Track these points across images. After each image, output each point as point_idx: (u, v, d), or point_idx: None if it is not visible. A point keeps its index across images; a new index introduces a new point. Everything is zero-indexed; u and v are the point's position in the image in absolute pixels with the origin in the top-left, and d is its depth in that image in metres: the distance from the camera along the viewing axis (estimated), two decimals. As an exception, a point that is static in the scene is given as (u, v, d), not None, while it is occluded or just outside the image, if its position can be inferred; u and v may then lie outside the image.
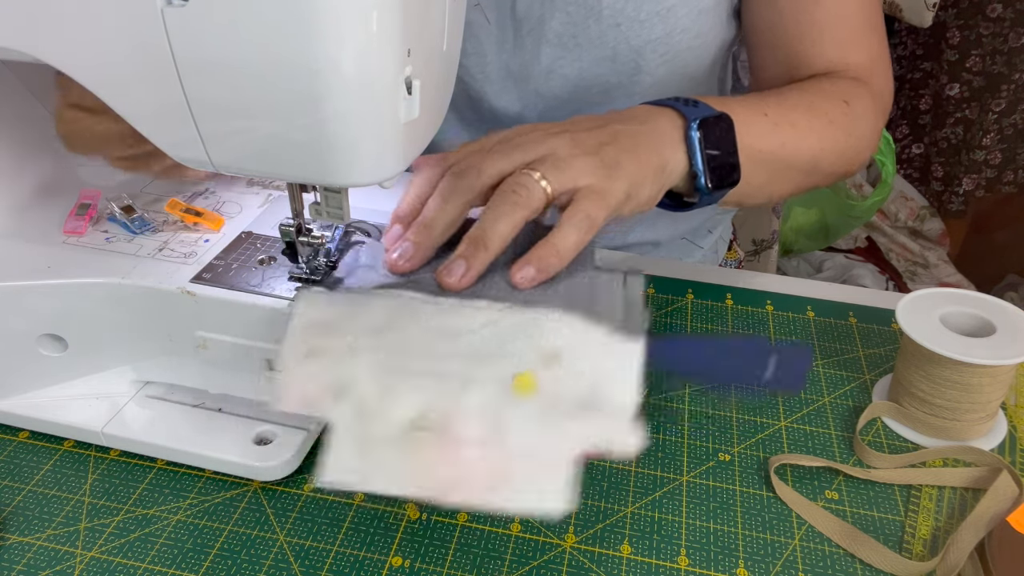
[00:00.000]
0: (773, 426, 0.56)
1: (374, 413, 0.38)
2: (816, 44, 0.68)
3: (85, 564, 0.46)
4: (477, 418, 0.38)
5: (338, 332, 0.41)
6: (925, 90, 1.73)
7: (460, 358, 0.40)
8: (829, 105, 0.64)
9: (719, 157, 0.54)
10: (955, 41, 1.63)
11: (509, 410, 0.38)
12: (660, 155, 0.52)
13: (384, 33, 0.37)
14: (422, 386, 0.39)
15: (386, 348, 0.40)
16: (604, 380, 0.40)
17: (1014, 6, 1.54)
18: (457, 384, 0.39)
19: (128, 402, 0.54)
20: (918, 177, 1.82)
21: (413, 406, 0.38)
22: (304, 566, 0.46)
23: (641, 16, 0.68)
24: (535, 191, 0.46)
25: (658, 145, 0.53)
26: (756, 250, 1.22)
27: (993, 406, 0.54)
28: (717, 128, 0.54)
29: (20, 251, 0.53)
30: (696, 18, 0.69)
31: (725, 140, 0.55)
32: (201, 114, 0.39)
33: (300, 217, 0.49)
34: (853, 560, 0.48)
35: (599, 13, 0.68)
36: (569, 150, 0.49)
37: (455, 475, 0.37)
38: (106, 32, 0.38)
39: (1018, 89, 1.60)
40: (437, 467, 0.37)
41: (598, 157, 0.49)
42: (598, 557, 0.47)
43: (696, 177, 0.54)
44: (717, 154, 0.54)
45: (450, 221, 0.47)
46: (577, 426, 0.38)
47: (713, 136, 0.54)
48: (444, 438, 0.37)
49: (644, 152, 0.52)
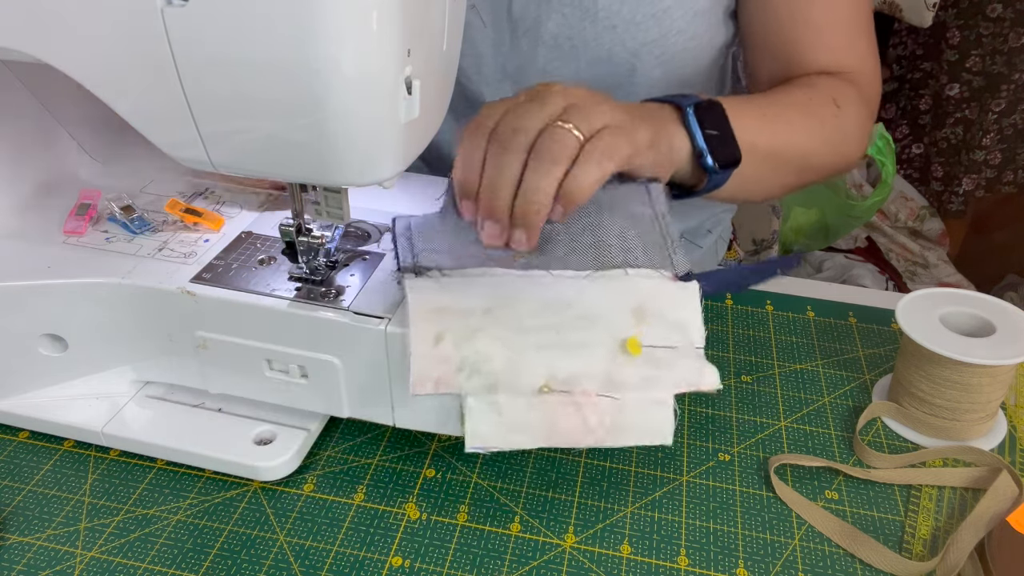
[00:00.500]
0: (773, 426, 0.56)
1: (505, 384, 0.44)
2: (809, 49, 0.69)
3: (85, 564, 0.46)
4: (595, 377, 0.45)
5: (456, 315, 0.45)
6: (925, 90, 1.73)
7: (568, 327, 0.46)
8: (820, 105, 0.66)
9: (718, 137, 0.56)
10: (955, 41, 1.63)
11: (619, 367, 0.45)
12: (667, 132, 0.55)
13: (384, 33, 0.37)
14: (544, 355, 0.45)
15: (503, 324, 0.45)
16: (681, 324, 0.47)
17: (1014, 6, 1.54)
18: (573, 350, 0.45)
19: (128, 402, 0.54)
20: (918, 177, 1.82)
21: (539, 374, 0.44)
22: (304, 566, 0.46)
23: (637, 18, 0.68)
24: (568, 141, 0.47)
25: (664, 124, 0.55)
26: (756, 250, 1.22)
27: (993, 406, 0.54)
28: (711, 112, 0.57)
29: (20, 251, 0.53)
30: (691, 20, 0.69)
31: (720, 123, 0.57)
32: (201, 114, 0.39)
33: (300, 217, 0.49)
34: (853, 560, 0.48)
35: (595, 15, 0.68)
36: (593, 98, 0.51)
37: (581, 426, 0.44)
38: (106, 32, 0.38)
39: (1018, 89, 1.60)
40: (566, 421, 0.44)
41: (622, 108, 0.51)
42: (598, 557, 0.47)
43: (702, 156, 0.56)
44: (716, 134, 0.56)
45: (513, 184, 0.47)
46: (670, 371, 0.46)
47: (709, 119, 0.56)
48: (569, 397, 0.44)
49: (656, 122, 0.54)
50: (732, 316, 0.67)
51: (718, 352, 0.63)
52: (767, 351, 0.63)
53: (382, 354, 0.47)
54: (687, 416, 0.57)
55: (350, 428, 0.55)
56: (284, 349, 0.48)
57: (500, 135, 0.48)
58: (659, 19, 0.68)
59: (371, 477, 0.52)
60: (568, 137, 0.48)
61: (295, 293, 0.49)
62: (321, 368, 0.49)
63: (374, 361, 0.47)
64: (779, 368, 0.61)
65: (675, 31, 0.69)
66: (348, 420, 0.55)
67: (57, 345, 0.53)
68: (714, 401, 0.58)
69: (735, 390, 0.59)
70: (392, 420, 0.50)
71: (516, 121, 0.48)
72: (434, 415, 0.50)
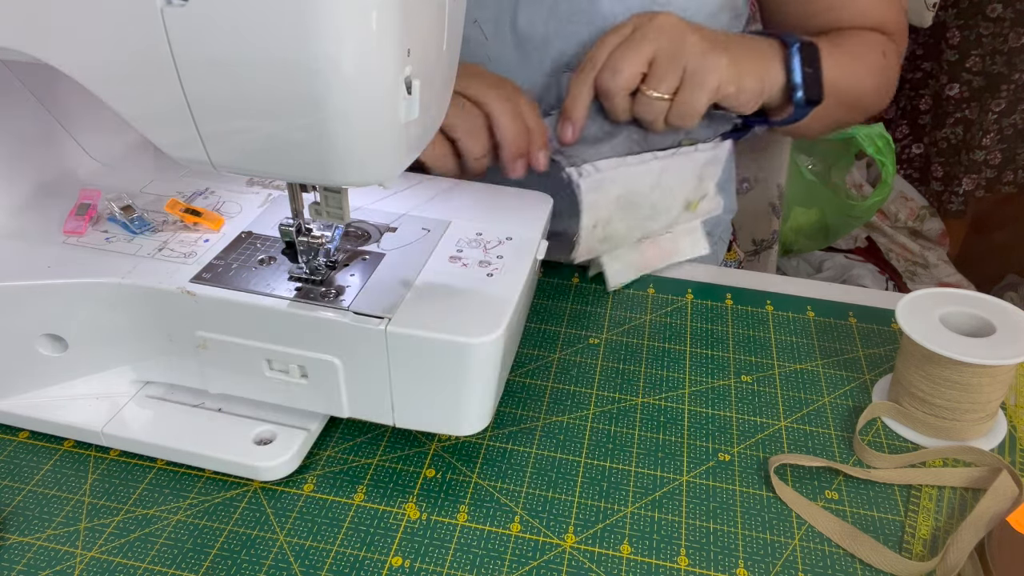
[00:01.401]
0: (773, 426, 0.56)
1: (622, 242, 0.68)
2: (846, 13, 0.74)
3: (85, 564, 0.46)
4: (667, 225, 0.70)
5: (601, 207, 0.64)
6: (925, 90, 1.73)
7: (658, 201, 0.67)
8: (872, 54, 0.74)
9: (814, 75, 0.64)
10: (955, 41, 1.63)
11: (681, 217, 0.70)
12: (766, 63, 0.63)
13: (384, 33, 0.37)
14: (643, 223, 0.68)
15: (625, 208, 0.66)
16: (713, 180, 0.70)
17: (1014, 6, 1.54)
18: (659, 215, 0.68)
19: (128, 402, 0.54)
20: (918, 177, 1.82)
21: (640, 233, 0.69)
22: (304, 566, 0.46)
23: None
24: (659, 107, 0.61)
25: (765, 56, 0.64)
26: (756, 250, 1.22)
27: (993, 406, 0.54)
28: (810, 51, 0.64)
29: (20, 251, 0.52)
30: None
31: (816, 62, 0.65)
32: (201, 114, 0.39)
33: (300, 217, 0.49)
34: (853, 560, 0.48)
35: (603, 31, 0.68)
36: (683, 38, 0.60)
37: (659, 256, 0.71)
38: (106, 32, 0.38)
39: (1018, 89, 1.60)
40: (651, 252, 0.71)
41: (707, 40, 0.60)
42: (598, 557, 0.47)
43: (794, 91, 0.64)
44: (812, 72, 0.64)
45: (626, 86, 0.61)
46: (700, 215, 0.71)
47: (807, 56, 0.64)
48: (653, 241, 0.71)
49: (757, 54, 0.63)
50: (732, 316, 0.67)
51: (718, 352, 0.63)
52: (767, 351, 0.63)
53: (382, 354, 0.47)
54: (687, 416, 0.57)
55: (350, 428, 0.55)
56: (284, 349, 0.48)
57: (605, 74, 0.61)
58: None
59: (371, 477, 0.52)
60: (657, 106, 0.61)
61: (295, 293, 0.49)
62: (321, 368, 0.49)
63: (374, 361, 0.47)
64: (779, 368, 0.62)
65: None
66: (348, 420, 0.55)
67: (57, 345, 0.53)
68: (714, 401, 0.58)
69: (735, 390, 0.59)
70: (392, 420, 0.50)
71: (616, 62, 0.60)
72: (434, 415, 0.50)
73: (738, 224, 1.09)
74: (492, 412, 0.51)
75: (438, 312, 0.47)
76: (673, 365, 0.61)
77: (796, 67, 0.63)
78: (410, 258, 0.53)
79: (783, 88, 0.64)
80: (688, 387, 0.60)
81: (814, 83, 0.64)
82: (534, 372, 0.60)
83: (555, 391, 0.59)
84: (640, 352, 0.63)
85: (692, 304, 0.68)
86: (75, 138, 0.60)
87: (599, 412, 0.57)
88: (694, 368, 0.61)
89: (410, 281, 0.50)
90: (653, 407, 0.58)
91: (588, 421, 0.56)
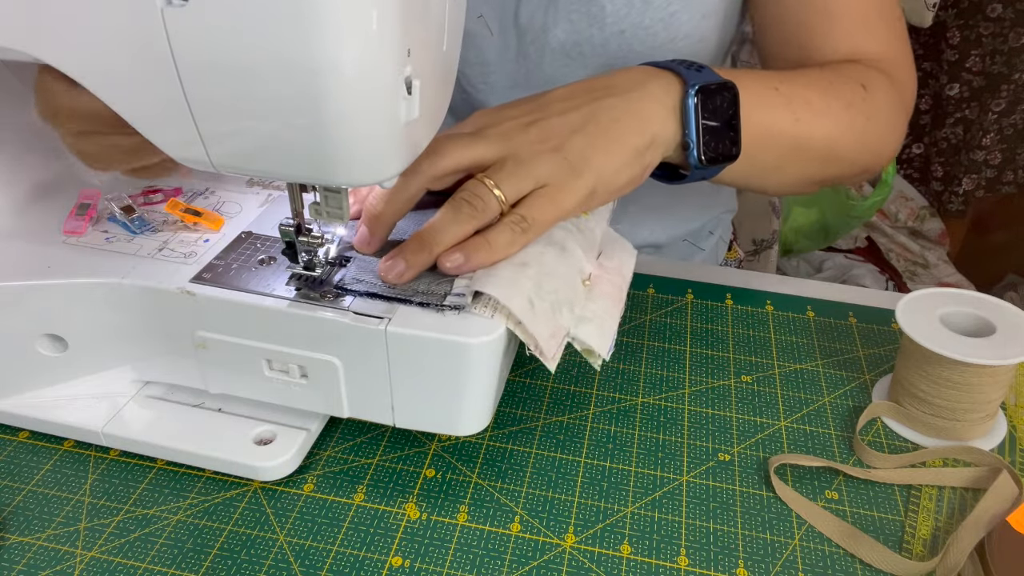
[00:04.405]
0: (773, 426, 0.56)
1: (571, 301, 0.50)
2: (827, 35, 0.64)
3: (85, 564, 0.46)
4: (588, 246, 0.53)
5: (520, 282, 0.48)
6: (925, 90, 1.73)
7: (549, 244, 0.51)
8: (846, 86, 0.60)
9: (717, 129, 0.52)
10: (955, 41, 1.63)
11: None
12: (644, 132, 0.51)
13: (384, 33, 0.37)
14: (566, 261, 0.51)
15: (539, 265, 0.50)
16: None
17: (1014, 6, 1.54)
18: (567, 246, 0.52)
19: (128, 402, 0.54)
20: (918, 177, 1.82)
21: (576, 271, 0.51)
22: (304, 566, 0.46)
23: (645, 23, 0.68)
24: (489, 202, 0.48)
25: (644, 119, 0.51)
26: (756, 250, 1.22)
27: (993, 406, 0.54)
28: (718, 96, 0.51)
29: (20, 251, 0.52)
30: (699, 23, 0.69)
31: (726, 110, 0.52)
32: (201, 114, 0.39)
33: (300, 217, 0.49)
34: (853, 560, 0.48)
35: (602, 21, 0.68)
36: (532, 148, 0.49)
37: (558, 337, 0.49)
38: (106, 32, 0.38)
39: (1018, 89, 1.60)
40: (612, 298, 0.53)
41: (562, 154, 0.49)
42: (598, 557, 0.47)
43: (688, 148, 0.52)
44: (715, 125, 0.51)
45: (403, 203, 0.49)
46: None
47: (712, 104, 0.51)
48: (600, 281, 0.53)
49: (623, 133, 0.50)
50: (732, 316, 0.67)
51: (718, 352, 0.63)
52: (767, 351, 0.63)
53: (382, 354, 0.47)
54: (687, 416, 0.57)
55: (350, 428, 0.55)
56: (284, 349, 0.48)
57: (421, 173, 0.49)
58: (667, 23, 0.68)
59: (371, 477, 0.52)
60: (488, 197, 0.48)
61: (295, 293, 0.49)
62: (321, 368, 0.49)
63: (374, 361, 0.47)
64: (779, 368, 0.61)
65: (683, 35, 0.69)
66: (348, 420, 0.55)
67: (57, 345, 0.53)
68: (714, 401, 0.58)
69: (735, 390, 0.59)
70: (392, 420, 0.50)
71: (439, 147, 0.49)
72: (434, 415, 0.50)
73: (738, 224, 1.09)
74: (492, 412, 0.51)
75: (437, 312, 0.47)
76: (673, 365, 0.61)
77: (691, 119, 0.51)
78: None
79: (679, 145, 0.52)
80: (688, 387, 0.60)
81: (718, 140, 0.52)
82: (534, 372, 0.60)
83: (555, 391, 0.59)
84: (640, 352, 0.63)
85: (692, 304, 0.68)
86: (75, 138, 0.60)
87: (599, 412, 0.57)
88: (694, 368, 0.61)
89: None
90: (653, 407, 0.58)
91: (588, 421, 0.56)
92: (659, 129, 0.51)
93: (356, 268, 0.50)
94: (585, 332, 0.49)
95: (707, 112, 0.51)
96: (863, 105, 0.60)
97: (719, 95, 0.52)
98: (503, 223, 0.48)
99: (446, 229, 0.47)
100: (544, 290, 0.48)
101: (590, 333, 0.49)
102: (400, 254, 0.48)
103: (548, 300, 0.48)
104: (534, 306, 0.46)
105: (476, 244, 0.47)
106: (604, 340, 0.50)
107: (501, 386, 0.53)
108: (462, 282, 0.48)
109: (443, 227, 0.47)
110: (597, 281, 0.52)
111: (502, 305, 0.46)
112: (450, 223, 0.47)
